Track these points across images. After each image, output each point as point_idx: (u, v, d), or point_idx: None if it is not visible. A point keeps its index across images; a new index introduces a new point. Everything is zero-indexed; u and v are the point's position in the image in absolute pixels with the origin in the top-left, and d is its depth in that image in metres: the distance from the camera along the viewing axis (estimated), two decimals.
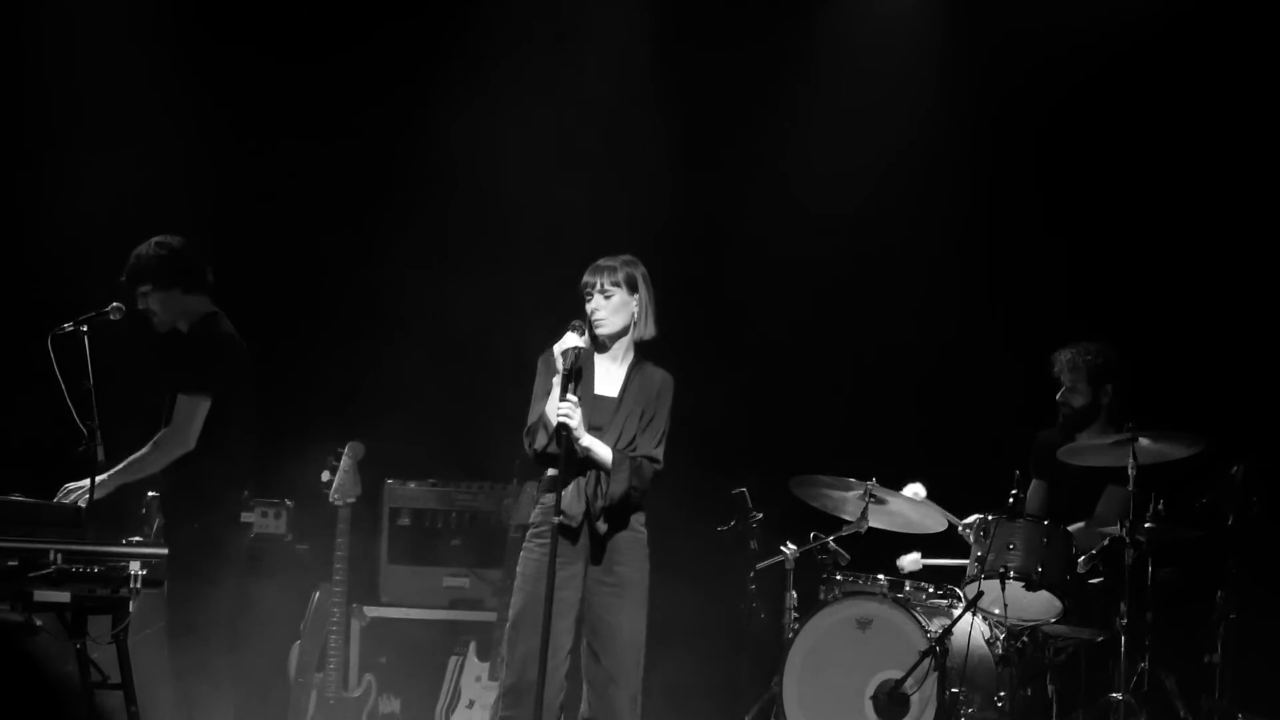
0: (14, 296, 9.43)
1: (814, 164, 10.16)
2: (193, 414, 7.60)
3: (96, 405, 7.13)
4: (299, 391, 9.61)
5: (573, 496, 7.17)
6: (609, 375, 7.36)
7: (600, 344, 7.36)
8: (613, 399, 7.30)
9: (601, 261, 7.36)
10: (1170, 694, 8.37)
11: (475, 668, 9.06)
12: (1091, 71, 9.88)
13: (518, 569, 7.32)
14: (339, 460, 8.80)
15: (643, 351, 7.40)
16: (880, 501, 8.76)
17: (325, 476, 8.83)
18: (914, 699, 8.24)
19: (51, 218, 9.57)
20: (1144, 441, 8.25)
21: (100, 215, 9.32)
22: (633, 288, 7.32)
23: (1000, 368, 9.61)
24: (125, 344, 7.76)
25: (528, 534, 7.31)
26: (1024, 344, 9.46)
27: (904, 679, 8.21)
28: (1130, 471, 8.21)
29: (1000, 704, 8.28)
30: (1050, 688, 8.50)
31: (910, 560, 8.96)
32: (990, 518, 8.43)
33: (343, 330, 9.92)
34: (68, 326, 7.34)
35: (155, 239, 7.84)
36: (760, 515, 9.00)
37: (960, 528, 8.79)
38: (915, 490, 8.81)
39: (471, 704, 9.02)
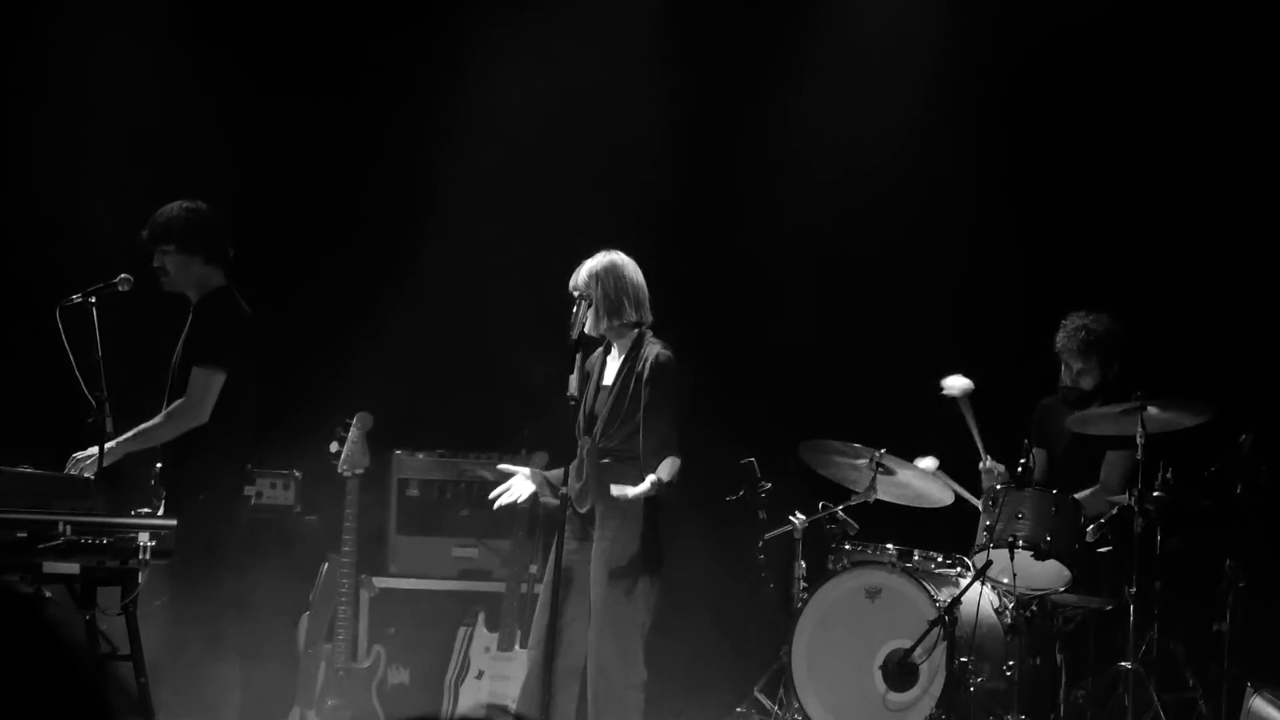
0: (21, 268, 9.43)
1: (823, 132, 10.12)
2: (207, 387, 7.59)
3: (105, 376, 7.15)
4: (307, 362, 9.61)
5: (570, 475, 7.67)
6: (610, 367, 7.77)
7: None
8: (608, 388, 7.71)
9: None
10: (1179, 662, 8.39)
11: (484, 638, 9.06)
12: (1097, 40, 9.83)
13: None
14: (347, 431, 8.79)
15: (636, 335, 7.71)
16: (889, 472, 8.75)
17: (333, 447, 8.82)
18: (923, 668, 8.25)
19: (60, 187, 9.59)
20: (1152, 410, 8.26)
21: (108, 180, 9.31)
22: (591, 288, 7.66)
23: (1010, 337, 9.59)
24: (135, 314, 7.77)
25: None
26: (1033, 311, 9.44)
27: (913, 648, 8.22)
28: (1139, 440, 8.22)
29: (1009, 673, 8.29)
30: (1059, 656, 8.51)
31: (927, 463, 8.88)
32: (999, 486, 8.43)
33: (351, 300, 9.91)
34: (76, 298, 7.36)
35: (183, 202, 7.82)
36: (769, 485, 8.98)
37: (985, 463, 8.75)
38: (928, 463, 8.81)
39: (481, 674, 9.03)
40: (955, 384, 8.73)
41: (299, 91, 9.95)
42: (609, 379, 7.71)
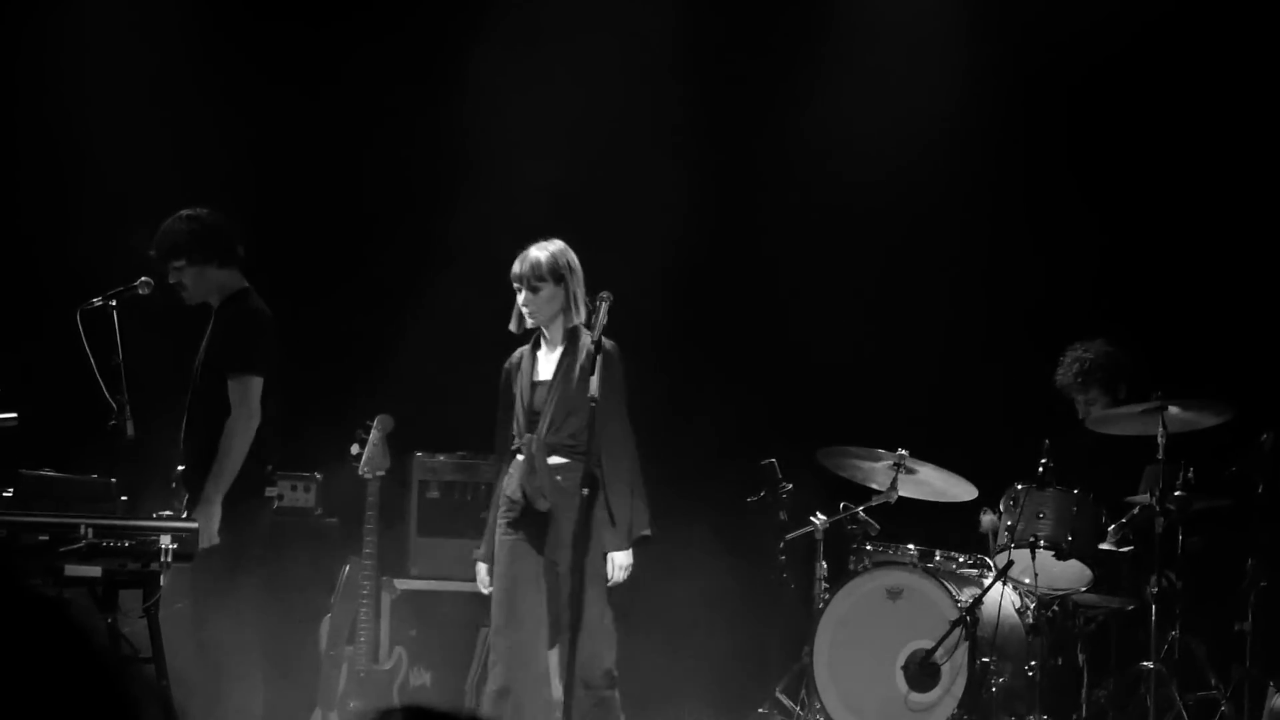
0: (42, 272, 9.44)
1: (840, 136, 10.10)
2: (247, 393, 7.57)
3: (126, 379, 7.15)
4: (328, 364, 9.61)
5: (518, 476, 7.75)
6: (548, 360, 7.72)
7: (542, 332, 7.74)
8: (547, 382, 7.65)
9: (529, 252, 7.69)
10: (1201, 662, 8.38)
11: None
12: (1125, 39, 9.81)
13: None
14: (368, 433, 8.79)
15: (572, 328, 7.70)
16: (910, 471, 8.75)
17: (354, 449, 8.82)
18: (945, 668, 8.25)
19: (80, 188, 9.61)
20: (1173, 410, 8.24)
21: (128, 182, 9.32)
22: (558, 279, 7.63)
23: (1031, 336, 9.57)
24: (156, 317, 7.78)
25: None
26: (1056, 313, 9.44)
27: (935, 648, 8.22)
28: (1160, 440, 8.21)
29: (1031, 673, 8.29)
30: (1081, 656, 8.51)
31: (989, 521, 8.90)
32: (1020, 486, 8.42)
33: (372, 302, 9.92)
34: (96, 301, 7.36)
35: (184, 212, 7.77)
36: (789, 486, 8.98)
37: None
38: (988, 521, 8.85)
39: None
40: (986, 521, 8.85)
41: (321, 94, 9.97)
42: (545, 374, 7.68)
